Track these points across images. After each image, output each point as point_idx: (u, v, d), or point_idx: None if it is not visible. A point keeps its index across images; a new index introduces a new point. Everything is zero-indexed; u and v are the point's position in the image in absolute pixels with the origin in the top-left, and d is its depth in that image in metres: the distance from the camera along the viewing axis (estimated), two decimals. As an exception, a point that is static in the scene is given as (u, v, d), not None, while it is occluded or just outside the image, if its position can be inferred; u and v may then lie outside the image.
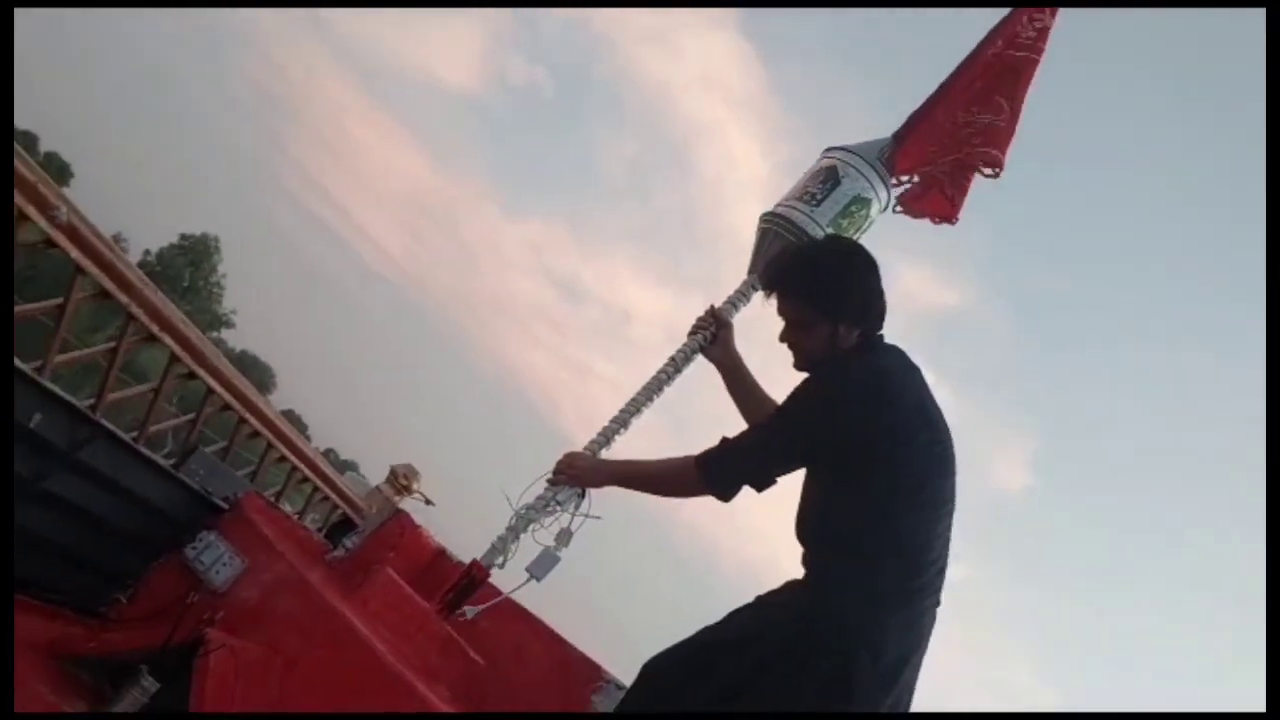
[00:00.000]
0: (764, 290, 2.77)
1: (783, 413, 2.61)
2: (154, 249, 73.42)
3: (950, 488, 2.51)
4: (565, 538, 3.06)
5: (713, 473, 2.58)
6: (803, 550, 2.53)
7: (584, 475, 3.06)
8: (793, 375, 2.66)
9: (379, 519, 3.73)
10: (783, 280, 2.69)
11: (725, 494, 2.58)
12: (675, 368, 3.29)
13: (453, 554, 3.80)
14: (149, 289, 3.30)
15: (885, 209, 3.42)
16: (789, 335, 2.68)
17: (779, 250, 3.21)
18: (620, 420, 3.26)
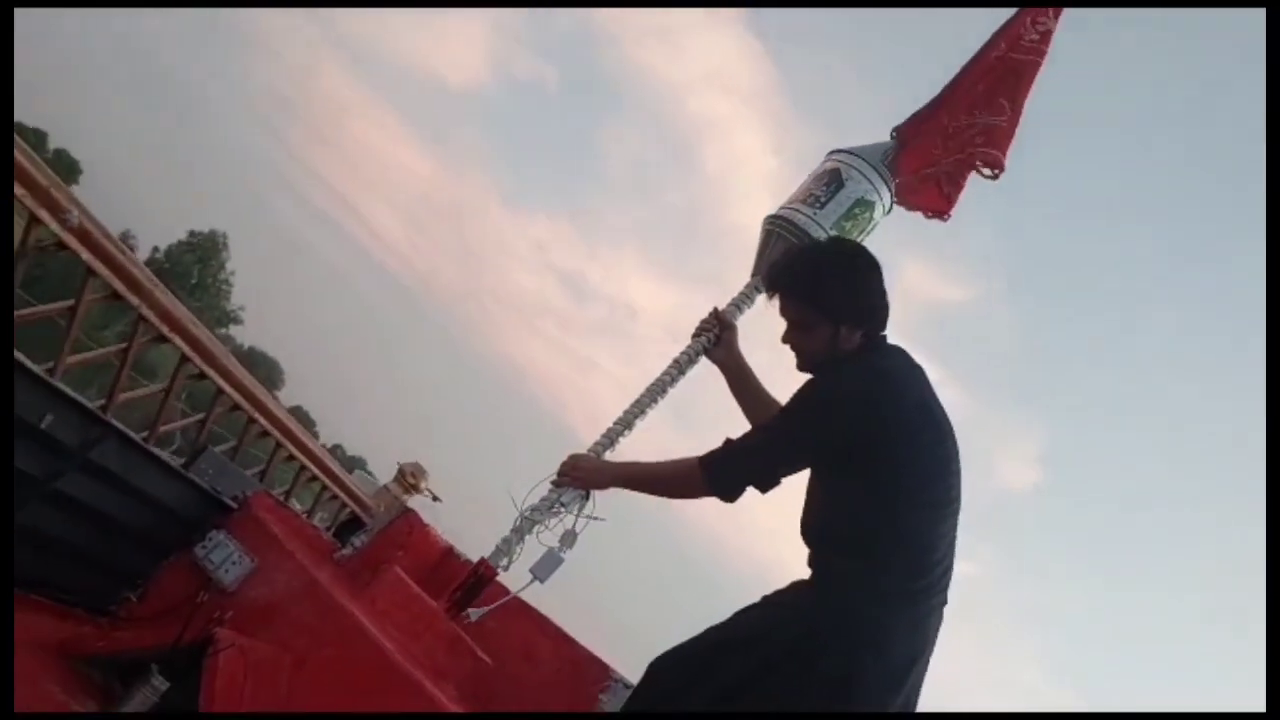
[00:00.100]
0: (766, 292, 2.77)
1: (785, 414, 2.62)
2: (162, 246, 73.56)
3: (955, 487, 2.51)
4: (570, 539, 3.07)
5: (716, 474, 2.58)
6: (809, 551, 2.54)
7: (588, 477, 3.07)
8: (797, 377, 2.67)
9: (387, 517, 3.73)
10: (785, 282, 2.70)
11: (729, 495, 2.58)
12: (679, 370, 3.30)
13: (461, 552, 3.82)
14: (159, 290, 3.32)
15: (889, 211, 3.42)
16: (791, 337, 2.69)
17: (782, 253, 3.21)
18: (624, 422, 3.27)
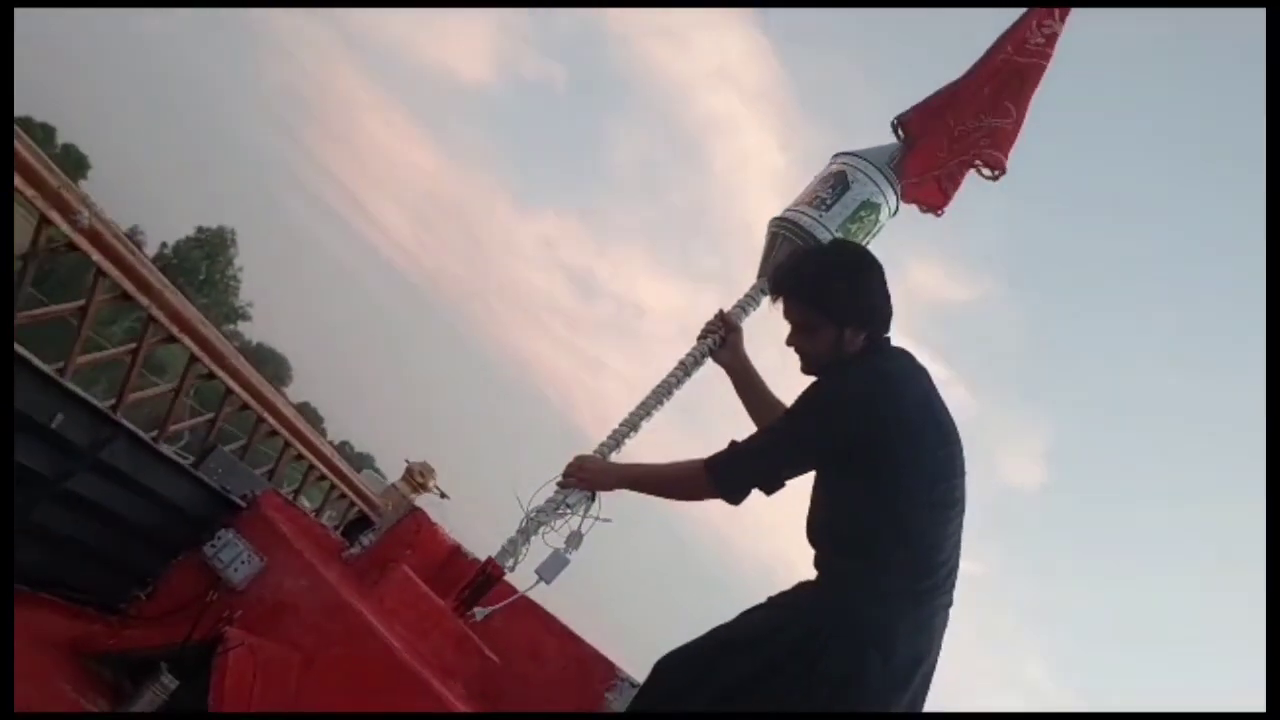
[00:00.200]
0: (770, 295, 2.78)
1: (790, 416, 2.62)
2: (170, 242, 73.69)
3: (960, 488, 2.51)
4: (575, 540, 3.08)
5: (721, 476, 2.59)
6: (814, 552, 2.54)
7: (594, 478, 3.07)
8: (802, 379, 2.67)
9: (395, 516, 3.74)
10: (788, 285, 2.70)
11: (734, 497, 2.59)
12: (685, 372, 3.31)
13: (468, 551, 3.83)
14: (169, 291, 3.33)
15: (894, 214, 3.42)
16: (796, 339, 2.69)
17: (787, 255, 3.23)
18: (630, 423, 3.28)
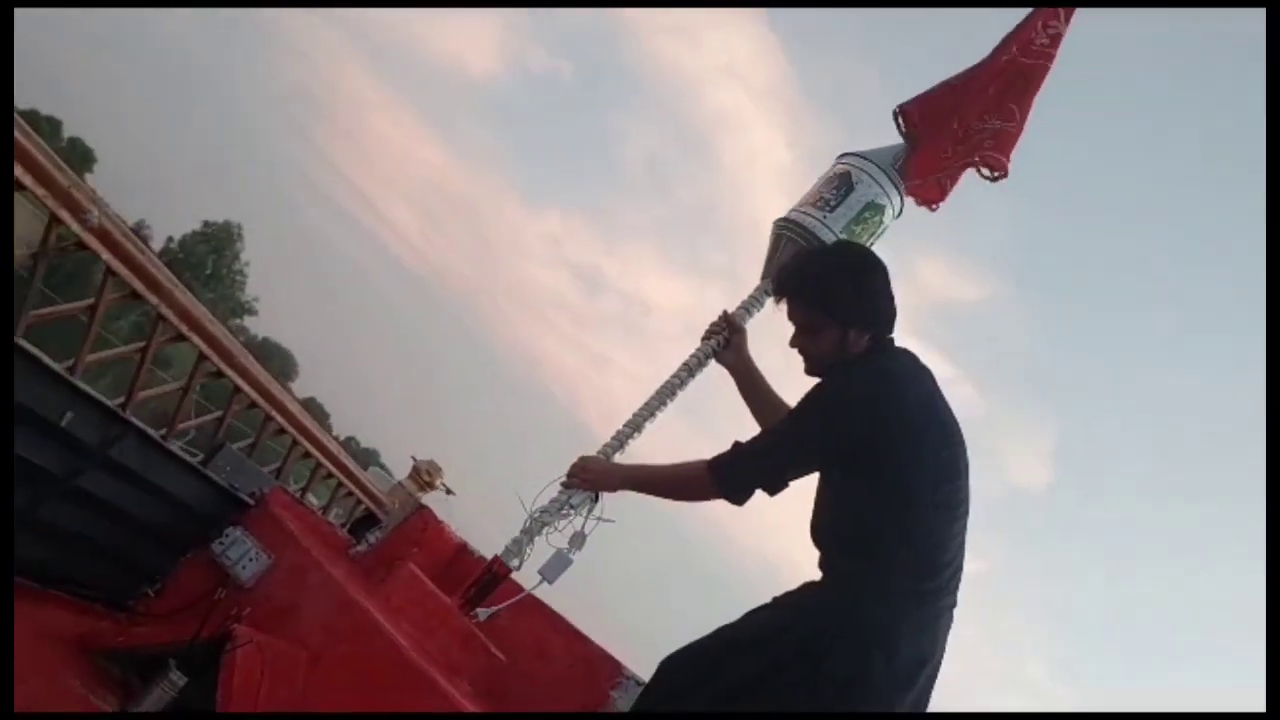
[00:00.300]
0: (774, 296, 2.78)
1: (794, 417, 2.62)
2: (177, 236, 73.75)
3: (964, 489, 2.51)
4: (578, 540, 3.09)
5: (725, 477, 2.59)
6: (818, 553, 2.54)
7: (597, 479, 3.08)
8: (806, 380, 2.66)
9: (402, 514, 3.74)
10: (792, 286, 2.71)
11: (737, 498, 2.59)
12: (689, 372, 3.31)
13: (474, 549, 3.84)
14: (178, 290, 3.35)
15: (899, 215, 3.43)
16: (800, 341, 2.69)
17: (791, 256, 3.22)
18: (634, 424, 3.29)
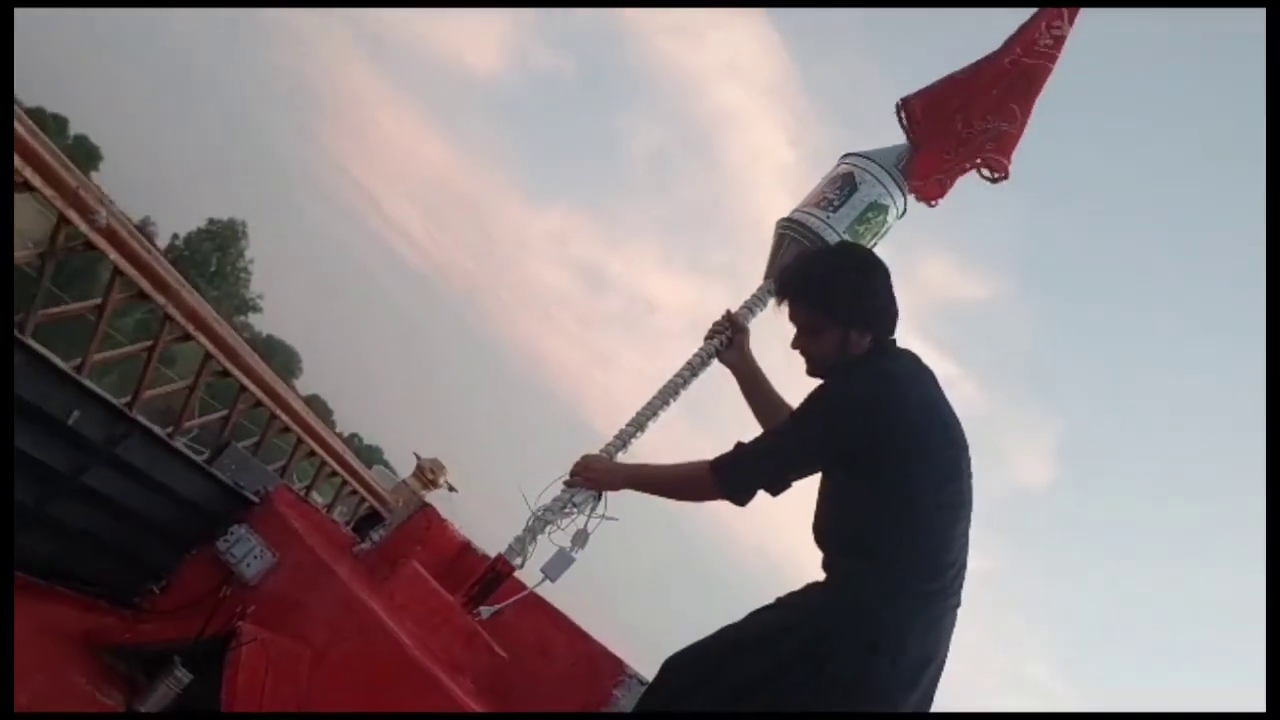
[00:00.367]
0: (775, 298, 2.78)
1: (796, 418, 2.62)
2: (182, 233, 73.71)
3: (967, 489, 2.51)
4: (581, 539, 3.11)
5: (727, 477, 2.60)
6: (822, 554, 2.54)
7: (600, 478, 3.09)
8: (809, 381, 2.67)
9: (406, 512, 3.75)
10: (794, 287, 2.71)
11: (740, 498, 2.60)
12: (692, 371, 3.32)
13: (478, 547, 3.85)
14: (185, 290, 3.36)
15: (902, 215, 3.42)
16: (801, 342, 2.70)
17: (794, 257, 3.22)
18: (637, 423, 3.29)
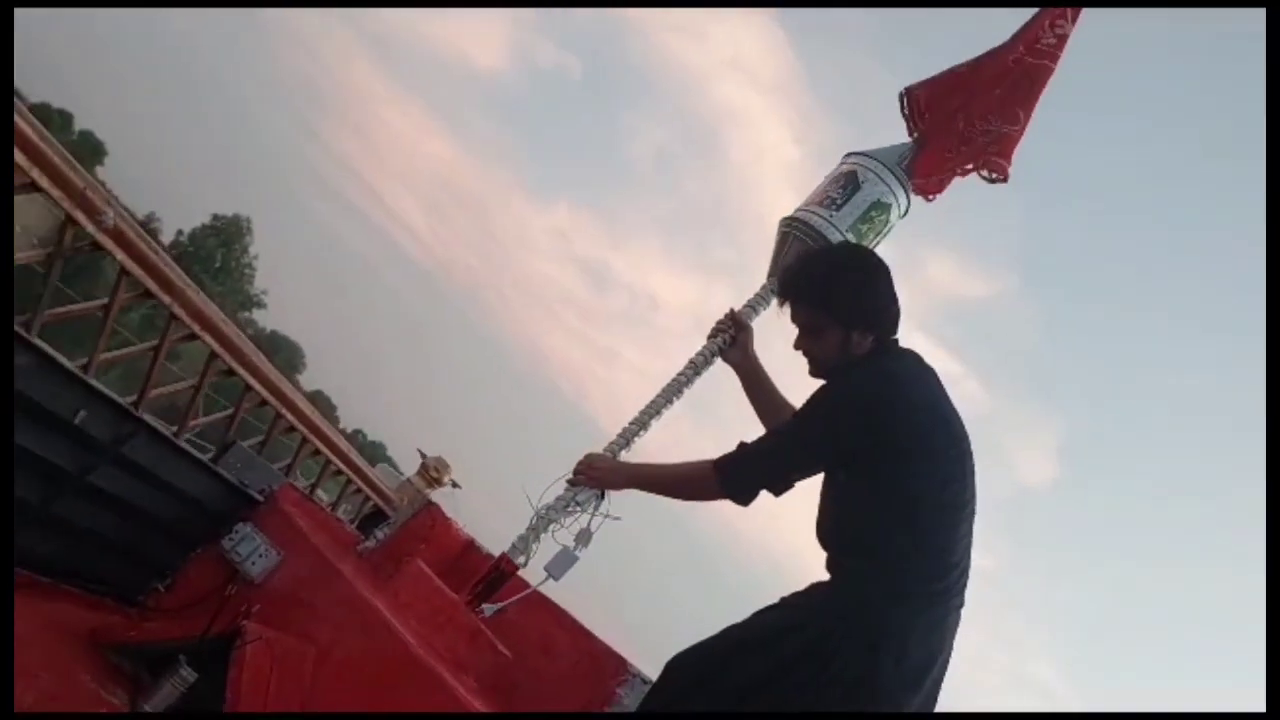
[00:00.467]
0: (777, 299, 2.78)
1: (799, 418, 2.62)
2: (186, 229, 73.65)
3: (970, 489, 2.51)
4: (585, 538, 3.11)
5: (730, 477, 2.59)
6: (825, 554, 2.54)
7: (603, 477, 3.10)
8: (811, 380, 2.67)
9: (410, 511, 3.75)
10: (794, 289, 2.71)
11: (742, 498, 2.60)
12: (695, 370, 3.32)
13: (482, 546, 3.87)
14: (191, 289, 3.37)
15: (905, 214, 3.42)
16: (804, 343, 2.69)
17: (796, 256, 3.23)
18: (640, 422, 3.30)
